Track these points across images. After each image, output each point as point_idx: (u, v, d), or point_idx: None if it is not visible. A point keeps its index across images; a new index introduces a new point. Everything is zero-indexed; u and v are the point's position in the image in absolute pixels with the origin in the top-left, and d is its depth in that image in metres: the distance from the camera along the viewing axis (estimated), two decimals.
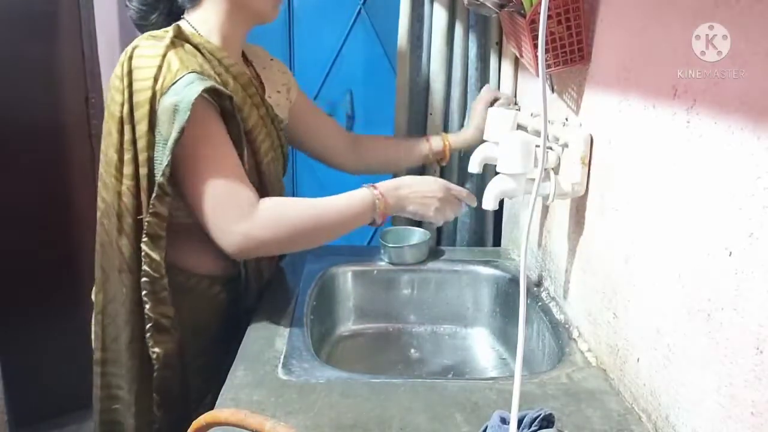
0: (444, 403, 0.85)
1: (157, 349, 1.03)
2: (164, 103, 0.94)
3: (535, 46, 1.01)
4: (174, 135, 0.93)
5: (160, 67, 0.96)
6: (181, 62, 0.96)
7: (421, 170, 1.55)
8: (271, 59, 1.25)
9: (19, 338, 1.79)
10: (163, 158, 0.95)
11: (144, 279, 1.00)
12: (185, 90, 0.93)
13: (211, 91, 0.95)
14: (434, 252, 1.45)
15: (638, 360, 0.83)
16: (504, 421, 0.70)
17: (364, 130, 2.01)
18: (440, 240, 1.61)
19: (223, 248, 0.99)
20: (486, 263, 1.41)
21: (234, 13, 1.06)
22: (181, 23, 1.05)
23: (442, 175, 1.58)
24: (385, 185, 1.10)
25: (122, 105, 0.97)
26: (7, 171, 1.81)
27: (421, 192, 1.12)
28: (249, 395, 0.85)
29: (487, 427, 0.72)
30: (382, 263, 1.40)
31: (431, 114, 1.54)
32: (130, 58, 0.98)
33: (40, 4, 1.83)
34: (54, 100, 1.90)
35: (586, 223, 1.02)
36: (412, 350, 1.32)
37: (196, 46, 1.01)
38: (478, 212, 1.58)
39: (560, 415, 0.80)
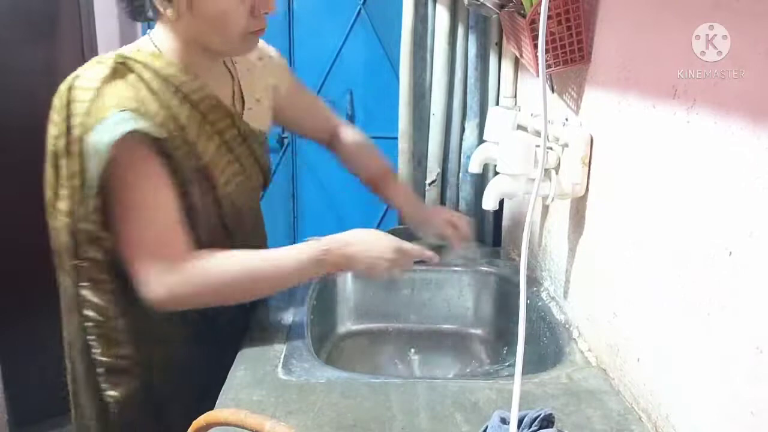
0: (444, 403, 0.85)
1: (112, 392, 0.99)
2: (88, 142, 0.88)
3: (535, 46, 1.01)
4: (93, 179, 0.88)
5: (93, 101, 0.88)
6: (116, 97, 0.88)
7: (423, 179, 1.55)
8: (260, 58, 1.14)
9: (19, 338, 1.79)
10: (89, 202, 0.90)
11: (87, 323, 0.96)
12: (109, 130, 0.86)
13: (140, 133, 0.87)
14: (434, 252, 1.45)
15: (638, 360, 0.83)
16: (504, 421, 0.70)
17: (365, 130, 2.01)
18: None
19: (147, 300, 0.92)
20: (486, 263, 1.41)
21: (189, 41, 0.96)
22: (143, 42, 0.98)
23: (442, 176, 1.59)
24: (334, 242, 1.01)
25: (57, 138, 0.92)
26: (6, 171, 1.81)
27: (371, 252, 1.03)
28: (249, 395, 0.85)
29: (487, 427, 0.72)
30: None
31: (434, 114, 1.54)
32: (69, 88, 0.91)
33: (40, 4, 1.83)
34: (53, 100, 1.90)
35: (586, 223, 1.02)
36: (412, 350, 1.32)
37: (151, 72, 0.93)
38: (478, 212, 1.58)
39: (560, 415, 0.80)
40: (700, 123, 0.68)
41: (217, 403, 0.83)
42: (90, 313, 0.96)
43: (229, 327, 1.08)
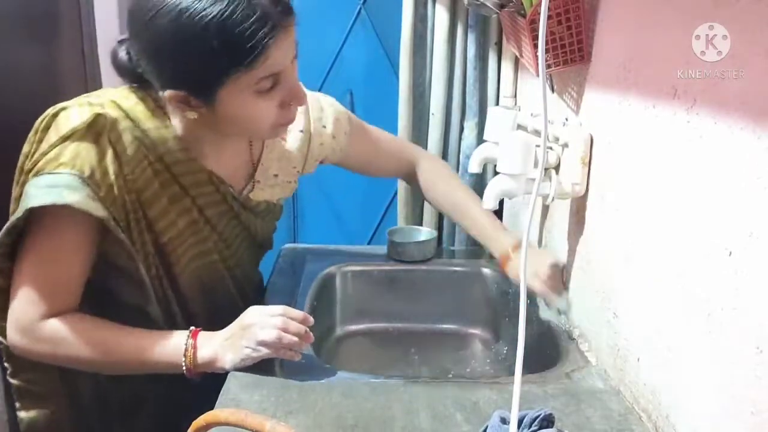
0: (444, 403, 0.85)
1: (22, 414, 0.98)
2: (28, 185, 0.86)
3: (535, 46, 1.01)
4: (9, 223, 0.86)
5: (53, 146, 0.85)
6: (73, 156, 0.84)
7: None
8: (300, 131, 1.06)
9: None
10: (4, 233, 0.88)
11: (8, 348, 0.93)
12: (42, 191, 0.83)
13: (71, 208, 0.83)
14: (435, 251, 1.45)
15: (638, 360, 0.83)
16: (504, 421, 0.70)
17: None
18: (440, 240, 1.62)
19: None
20: (486, 263, 1.41)
21: (204, 129, 0.93)
22: (147, 98, 0.92)
23: None
24: (214, 338, 0.89)
25: (25, 156, 0.91)
26: (6, 171, 1.81)
27: (244, 335, 0.88)
28: (249, 395, 0.85)
29: (487, 427, 0.72)
30: (383, 263, 1.40)
31: (433, 114, 1.54)
32: (54, 116, 0.89)
33: (40, 4, 1.83)
34: (54, 100, 1.89)
35: (586, 223, 1.02)
36: (412, 350, 1.32)
37: (139, 131, 0.89)
38: None
39: (560, 415, 0.80)
40: (700, 123, 0.68)
41: (217, 403, 0.83)
42: (1, 338, 0.94)
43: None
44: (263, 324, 0.86)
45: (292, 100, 0.90)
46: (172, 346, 0.88)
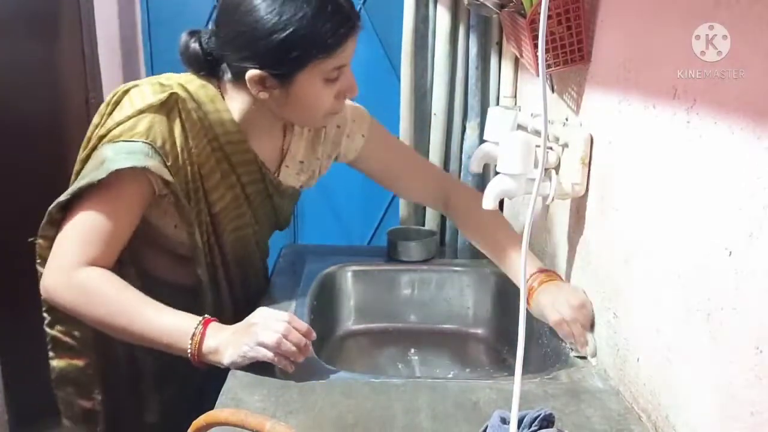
0: (444, 403, 0.85)
1: (54, 363, 1.06)
2: (103, 149, 0.94)
3: (535, 46, 1.01)
4: (82, 183, 0.93)
5: (130, 117, 0.94)
6: (148, 127, 0.94)
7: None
8: (338, 125, 1.15)
9: (20, 338, 1.79)
10: (67, 189, 0.95)
11: (42, 296, 0.99)
12: (122, 156, 0.92)
13: (149, 171, 0.92)
14: (436, 251, 1.45)
15: (638, 360, 0.83)
16: (504, 421, 0.70)
17: None
18: (441, 240, 1.61)
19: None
20: (486, 263, 1.40)
21: (266, 112, 1.03)
22: (208, 84, 1.02)
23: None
24: (211, 326, 0.92)
25: (95, 126, 0.98)
26: (6, 171, 1.81)
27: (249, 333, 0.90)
28: (249, 395, 0.85)
29: (487, 427, 0.72)
30: (383, 263, 1.40)
31: (435, 114, 1.54)
32: (125, 92, 0.98)
33: (40, 4, 1.83)
34: (54, 100, 1.89)
35: (586, 223, 1.02)
36: (412, 350, 1.32)
37: (201, 113, 0.99)
38: None
39: (560, 415, 0.80)
40: (700, 123, 0.68)
41: (217, 403, 0.83)
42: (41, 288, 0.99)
43: None
44: (266, 326, 0.89)
45: (348, 92, 1.01)
46: (183, 329, 0.91)
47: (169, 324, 0.92)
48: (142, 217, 1.00)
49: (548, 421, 0.70)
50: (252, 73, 0.94)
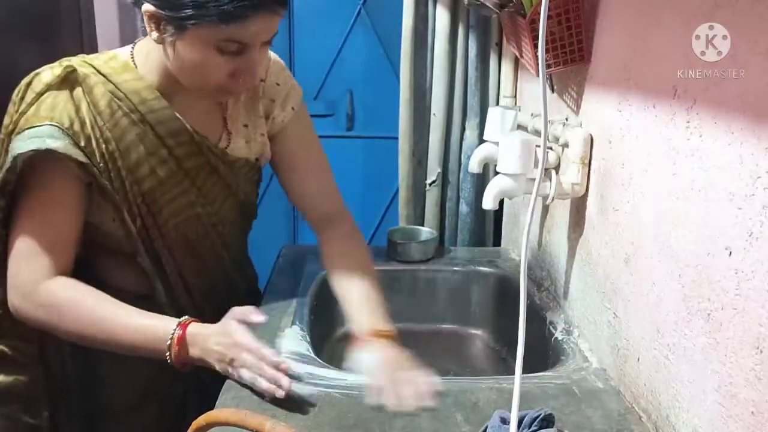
0: (444, 403, 0.85)
1: (0, 377, 1.01)
2: (11, 145, 0.89)
3: (535, 46, 1.02)
4: (3, 179, 0.89)
5: (30, 105, 0.89)
6: (50, 108, 0.89)
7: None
8: (262, 80, 1.06)
9: None
10: None
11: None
12: (26, 141, 0.87)
13: (55, 153, 0.87)
14: (436, 251, 1.45)
15: (638, 360, 0.83)
16: (504, 421, 0.70)
17: (364, 130, 2.01)
18: (441, 240, 1.61)
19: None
20: (486, 263, 1.41)
21: (167, 68, 0.93)
22: (122, 51, 0.97)
23: (443, 176, 1.58)
24: (193, 328, 0.89)
25: (5, 127, 0.93)
26: None
27: (224, 344, 0.88)
28: (249, 395, 0.85)
29: (487, 427, 0.72)
30: (383, 263, 1.40)
31: (434, 114, 1.54)
32: (27, 84, 0.92)
33: (41, 4, 1.83)
34: None
35: (586, 223, 1.02)
36: (412, 350, 1.31)
37: (111, 85, 0.92)
38: (478, 212, 1.58)
39: (560, 415, 0.80)
40: (700, 123, 0.68)
41: (217, 403, 0.83)
42: None
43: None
44: (243, 361, 0.85)
45: (244, 74, 0.91)
46: (161, 332, 0.89)
47: (145, 325, 0.90)
48: (83, 219, 0.95)
49: (548, 421, 0.70)
50: (147, 7, 0.86)
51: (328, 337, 1.32)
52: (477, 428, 0.77)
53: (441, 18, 1.48)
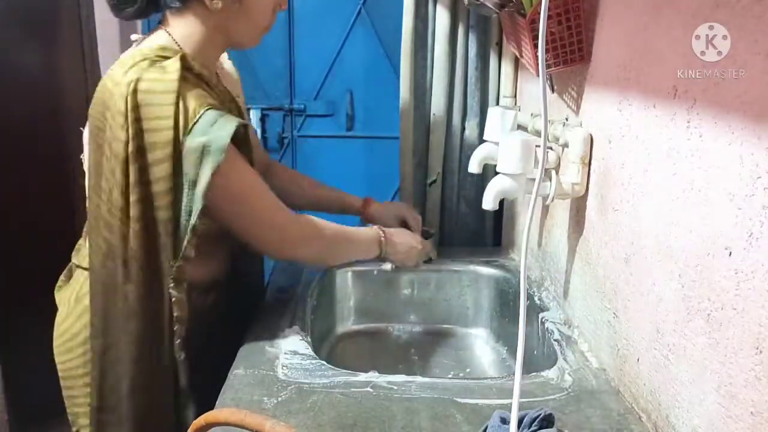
0: (444, 403, 0.85)
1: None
2: (190, 145, 0.90)
3: (535, 46, 1.01)
4: (206, 178, 0.90)
5: (176, 105, 0.89)
6: (196, 99, 0.92)
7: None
8: (222, 68, 1.18)
9: (20, 338, 1.79)
10: (193, 201, 0.91)
11: (176, 314, 0.96)
12: (212, 129, 0.90)
13: (242, 125, 0.94)
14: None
15: (638, 360, 0.83)
16: (504, 421, 0.70)
17: (364, 130, 2.01)
18: (441, 240, 1.61)
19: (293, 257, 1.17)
20: (486, 263, 1.41)
21: (215, 34, 1.01)
22: (163, 37, 0.99)
23: (443, 176, 1.59)
24: (386, 230, 1.23)
25: (127, 143, 0.90)
26: (6, 171, 1.81)
27: (407, 245, 1.27)
28: (249, 395, 0.85)
29: (487, 427, 0.72)
30: (383, 263, 1.40)
31: (434, 114, 1.54)
32: (135, 91, 0.89)
33: (40, 4, 1.83)
34: (53, 100, 1.90)
35: (586, 223, 1.02)
36: (412, 350, 1.32)
37: (196, 74, 0.98)
38: (478, 212, 1.58)
39: (560, 415, 0.80)
40: (700, 123, 0.68)
41: (217, 403, 0.83)
42: (179, 313, 0.96)
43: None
44: (421, 253, 1.31)
45: (282, 4, 1.05)
46: (372, 238, 1.21)
47: (368, 238, 1.21)
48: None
49: (548, 421, 0.70)
50: None
51: (328, 337, 1.32)
52: (477, 428, 0.77)
53: (441, 18, 1.48)
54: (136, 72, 0.91)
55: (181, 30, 1.00)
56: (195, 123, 0.90)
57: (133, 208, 0.91)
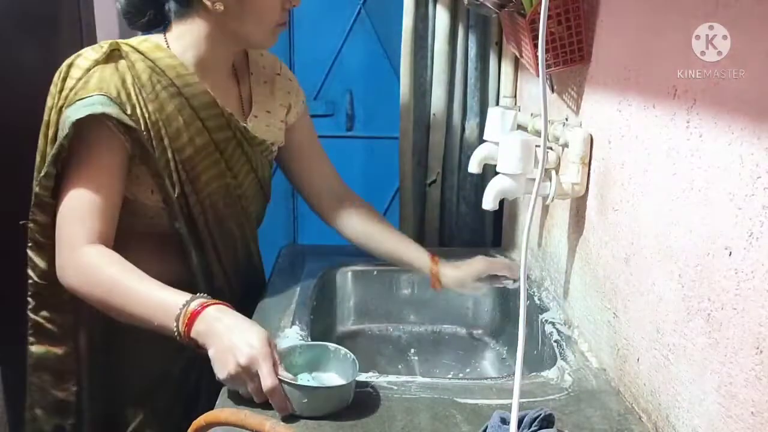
0: (444, 403, 0.85)
1: (33, 349, 1.08)
2: (64, 116, 0.95)
3: (535, 46, 1.01)
4: (53, 150, 0.95)
5: (79, 80, 0.96)
6: (99, 80, 0.95)
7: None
8: (278, 74, 1.18)
9: (19, 338, 1.79)
10: (47, 169, 0.96)
11: (29, 281, 1.04)
12: (80, 109, 0.93)
13: (109, 118, 0.93)
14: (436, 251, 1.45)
15: (638, 360, 0.83)
16: (504, 421, 0.70)
17: (364, 130, 2.01)
18: (441, 240, 1.62)
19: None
20: None
21: (219, 36, 1.03)
22: (153, 36, 1.04)
23: (443, 176, 1.58)
24: (213, 309, 0.86)
25: (50, 109, 0.99)
26: (5, 171, 1.81)
27: (231, 342, 0.81)
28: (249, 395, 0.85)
29: (487, 427, 0.72)
30: (383, 262, 1.40)
31: (434, 114, 1.54)
32: (69, 65, 0.99)
33: (40, 4, 1.83)
34: None
35: (586, 223, 1.02)
36: (412, 350, 1.32)
37: (149, 61, 0.99)
38: (478, 212, 1.58)
39: (560, 415, 0.80)
40: (700, 123, 0.68)
41: (217, 403, 0.83)
42: (31, 272, 1.05)
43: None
44: (241, 378, 0.81)
45: (293, 1, 1.04)
46: (166, 310, 0.87)
47: (154, 307, 0.88)
48: (123, 197, 1.00)
49: (548, 421, 0.70)
50: None
51: (328, 337, 1.32)
52: (477, 428, 0.77)
53: (441, 18, 1.48)
54: (82, 51, 1.00)
55: (178, 32, 1.03)
56: (79, 99, 0.94)
57: (37, 171, 1.02)
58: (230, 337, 0.82)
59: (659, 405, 0.77)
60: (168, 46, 1.02)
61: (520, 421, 0.68)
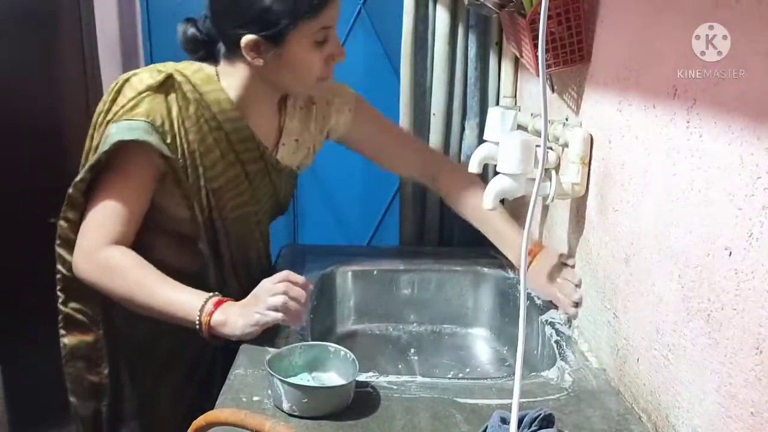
0: (444, 402, 0.85)
1: (66, 340, 1.15)
2: (108, 128, 1.03)
3: (535, 46, 1.01)
4: (92, 159, 1.04)
5: (131, 99, 1.03)
6: (148, 108, 1.02)
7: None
8: (327, 103, 1.22)
9: (20, 339, 1.79)
10: (83, 174, 1.05)
11: (58, 276, 1.12)
12: (124, 131, 1.01)
13: (149, 145, 1.01)
14: (435, 253, 1.45)
15: (638, 360, 0.83)
16: (504, 421, 0.70)
17: None
18: (441, 240, 1.61)
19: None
20: (486, 263, 1.40)
21: (262, 84, 1.09)
22: (208, 67, 1.10)
23: None
24: (226, 303, 0.98)
25: (99, 114, 1.07)
26: (5, 171, 1.81)
27: (253, 295, 0.99)
28: (249, 395, 0.85)
29: (487, 427, 0.72)
30: (383, 262, 1.40)
31: (434, 114, 1.54)
32: (125, 81, 1.06)
33: (41, 4, 1.83)
34: (54, 100, 1.89)
35: (586, 223, 1.02)
36: (412, 350, 1.32)
37: (198, 94, 1.06)
38: None
39: (560, 415, 0.80)
40: (700, 123, 0.68)
41: (217, 403, 0.83)
42: (60, 267, 1.11)
43: None
44: (270, 290, 0.97)
45: (336, 56, 1.08)
46: (192, 304, 0.98)
47: (181, 299, 1.00)
48: (151, 201, 1.08)
49: (548, 421, 0.70)
50: (246, 38, 1.01)
51: (328, 337, 1.32)
52: (477, 428, 0.77)
53: (441, 18, 1.48)
54: (139, 70, 1.08)
55: (232, 73, 1.09)
56: (126, 119, 1.02)
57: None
58: (249, 297, 0.99)
59: (659, 405, 0.77)
60: (218, 79, 1.09)
61: (520, 421, 0.68)
